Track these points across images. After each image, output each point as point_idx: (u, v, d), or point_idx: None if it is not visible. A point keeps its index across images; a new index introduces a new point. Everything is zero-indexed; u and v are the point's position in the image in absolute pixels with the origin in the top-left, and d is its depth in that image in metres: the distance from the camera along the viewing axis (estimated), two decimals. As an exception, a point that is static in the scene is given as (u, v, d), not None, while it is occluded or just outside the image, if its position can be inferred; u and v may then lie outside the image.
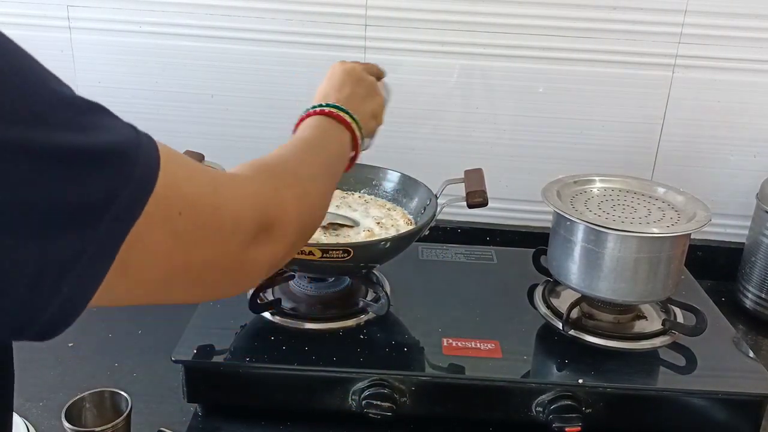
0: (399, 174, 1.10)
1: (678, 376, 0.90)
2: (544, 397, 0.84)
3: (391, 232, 1.00)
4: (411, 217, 1.05)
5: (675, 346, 0.94)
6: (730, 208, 1.24)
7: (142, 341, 1.03)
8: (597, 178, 1.04)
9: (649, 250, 0.90)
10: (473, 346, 0.90)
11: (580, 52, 1.18)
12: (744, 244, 1.20)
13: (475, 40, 1.18)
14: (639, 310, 1.00)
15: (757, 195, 1.15)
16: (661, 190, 1.02)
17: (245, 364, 0.86)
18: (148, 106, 1.25)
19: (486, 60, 1.19)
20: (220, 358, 0.87)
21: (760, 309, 1.15)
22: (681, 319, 0.99)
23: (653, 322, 0.99)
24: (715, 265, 1.26)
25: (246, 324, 0.93)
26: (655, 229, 0.91)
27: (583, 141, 1.23)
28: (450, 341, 0.91)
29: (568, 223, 0.93)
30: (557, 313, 0.98)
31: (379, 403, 0.82)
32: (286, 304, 0.97)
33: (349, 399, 0.85)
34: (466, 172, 1.01)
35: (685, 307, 0.98)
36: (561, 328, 0.95)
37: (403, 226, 1.02)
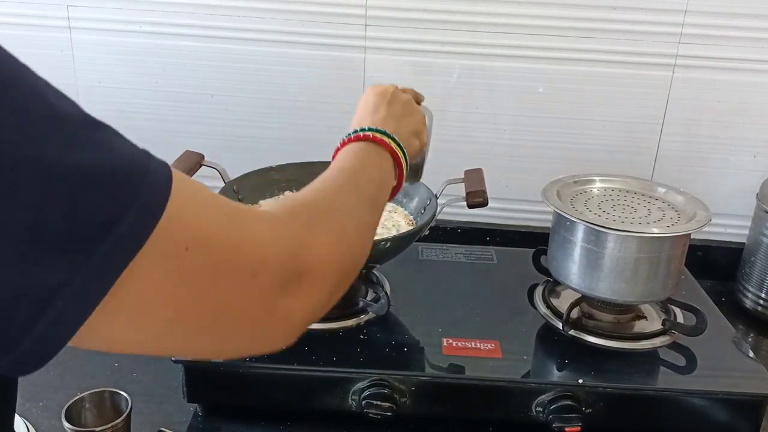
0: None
1: (678, 376, 0.90)
2: (544, 397, 0.84)
3: (392, 232, 1.00)
4: (411, 217, 1.05)
5: (675, 346, 0.94)
6: (730, 208, 1.24)
7: (142, 341, 1.03)
8: (597, 178, 1.04)
9: (649, 250, 0.90)
10: (473, 346, 0.90)
11: (580, 52, 1.18)
12: (744, 244, 1.20)
13: (475, 40, 1.18)
14: (639, 310, 1.00)
15: (757, 195, 1.15)
16: (661, 190, 1.02)
17: (245, 364, 0.85)
18: (148, 106, 1.25)
19: (486, 60, 1.19)
20: (220, 358, 0.87)
21: (760, 309, 1.15)
22: (681, 319, 0.99)
23: (653, 322, 0.99)
24: (715, 265, 1.26)
25: (246, 324, 0.93)
26: (655, 229, 0.91)
27: (583, 141, 1.23)
28: (450, 341, 0.91)
29: (568, 223, 0.93)
30: (557, 313, 0.98)
31: (379, 403, 0.82)
32: (286, 304, 0.97)
33: (349, 399, 0.85)
34: (466, 172, 1.02)
35: (685, 307, 0.98)
36: (561, 328, 0.95)
37: (404, 226, 1.02)
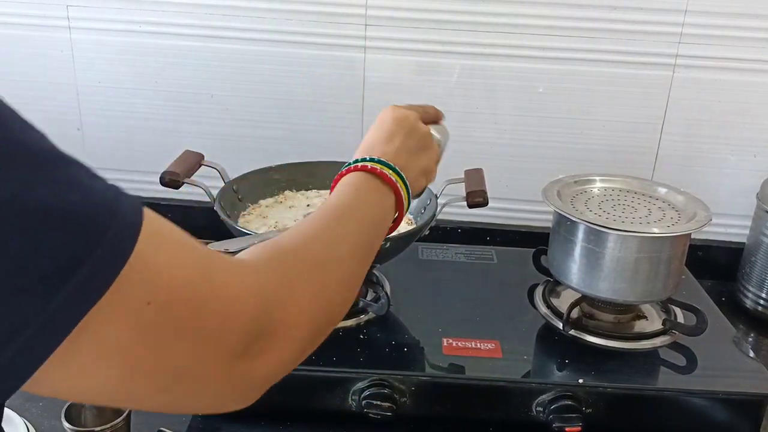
0: (399, 174, 1.10)
1: (678, 376, 0.90)
2: (545, 397, 0.84)
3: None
4: (411, 216, 1.05)
5: (675, 346, 0.94)
6: (730, 208, 1.24)
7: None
8: (597, 178, 1.04)
9: (649, 250, 0.90)
10: (473, 346, 0.90)
11: (580, 52, 1.18)
12: (744, 244, 1.20)
13: (475, 40, 1.18)
14: (639, 310, 1.00)
15: (757, 195, 1.15)
16: (662, 190, 1.02)
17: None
18: (148, 106, 1.25)
19: (486, 60, 1.19)
20: (220, 358, 0.87)
21: (760, 309, 1.15)
22: (681, 319, 0.99)
23: (653, 322, 0.99)
24: (715, 265, 1.25)
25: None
26: (656, 229, 0.91)
27: (584, 141, 1.23)
28: (450, 341, 0.91)
29: (569, 223, 0.93)
30: (557, 313, 0.98)
31: (379, 403, 0.82)
32: (286, 304, 0.97)
33: (349, 399, 0.85)
34: (466, 172, 1.02)
35: (686, 307, 0.98)
36: (561, 328, 0.95)
37: (404, 226, 1.02)
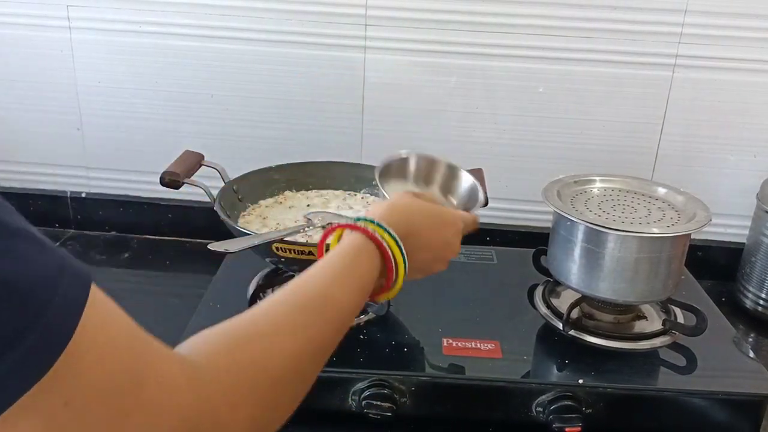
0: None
1: (678, 376, 0.90)
2: (544, 397, 0.84)
3: (391, 232, 0.99)
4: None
5: (675, 346, 0.94)
6: (730, 208, 1.24)
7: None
8: (597, 178, 1.04)
9: (649, 250, 0.90)
10: (473, 346, 0.90)
11: (580, 52, 1.18)
12: (744, 244, 1.20)
13: (475, 40, 1.18)
14: (639, 310, 1.00)
15: (757, 195, 1.15)
16: (661, 190, 1.02)
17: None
18: (148, 106, 1.25)
19: (486, 60, 1.19)
20: (220, 358, 0.87)
21: (760, 309, 1.15)
22: (681, 319, 0.99)
23: (653, 322, 0.99)
24: (715, 265, 1.26)
25: (246, 324, 0.93)
26: (656, 229, 0.91)
27: (583, 141, 1.23)
28: (450, 341, 0.91)
29: (569, 223, 0.93)
30: (557, 313, 0.98)
31: (379, 403, 0.82)
32: (286, 304, 0.97)
33: (349, 399, 0.85)
34: (466, 173, 1.01)
35: (686, 307, 0.98)
36: (561, 328, 0.95)
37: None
